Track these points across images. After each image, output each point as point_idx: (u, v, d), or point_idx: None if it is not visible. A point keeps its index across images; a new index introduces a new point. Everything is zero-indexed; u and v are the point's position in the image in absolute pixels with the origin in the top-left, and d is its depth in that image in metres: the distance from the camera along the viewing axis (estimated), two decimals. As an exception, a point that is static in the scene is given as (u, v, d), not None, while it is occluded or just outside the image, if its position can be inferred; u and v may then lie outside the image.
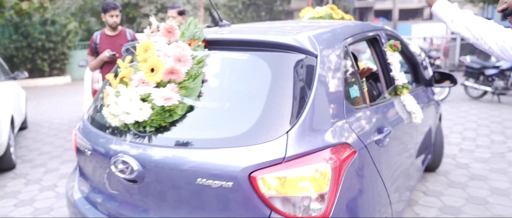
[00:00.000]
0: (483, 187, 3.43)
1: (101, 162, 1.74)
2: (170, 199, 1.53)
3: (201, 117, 1.56)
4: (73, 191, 2.00)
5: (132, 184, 1.59)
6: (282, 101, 1.46)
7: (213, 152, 1.42)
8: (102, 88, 2.06)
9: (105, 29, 3.88)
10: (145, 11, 15.06)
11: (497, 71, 7.34)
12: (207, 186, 1.40)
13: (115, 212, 1.70)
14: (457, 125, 5.70)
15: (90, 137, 1.86)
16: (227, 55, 1.68)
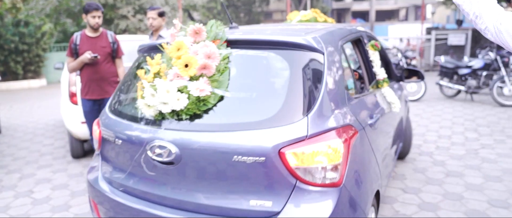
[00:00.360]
0: (459, 183, 3.54)
1: (134, 149, 1.92)
2: (206, 176, 1.76)
3: (231, 105, 1.81)
4: (98, 180, 2.18)
5: (168, 166, 1.81)
6: (301, 90, 1.75)
7: (246, 133, 1.68)
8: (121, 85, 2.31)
9: (86, 30, 3.78)
10: (122, 12, 14.80)
11: (470, 71, 7.59)
12: (242, 162, 1.66)
13: (148, 193, 1.91)
14: (433, 124, 5.87)
15: (120, 128, 2.04)
16: (247, 53, 1.93)
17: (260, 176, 1.67)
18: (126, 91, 2.24)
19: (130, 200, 1.97)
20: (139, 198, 1.96)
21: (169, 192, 1.85)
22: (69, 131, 4.44)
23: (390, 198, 3.29)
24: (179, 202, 1.83)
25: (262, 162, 1.64)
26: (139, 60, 2.31)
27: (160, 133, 1.83)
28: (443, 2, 18.17)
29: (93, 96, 3.78)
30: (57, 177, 4.04)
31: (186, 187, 1.82)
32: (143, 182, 1.94)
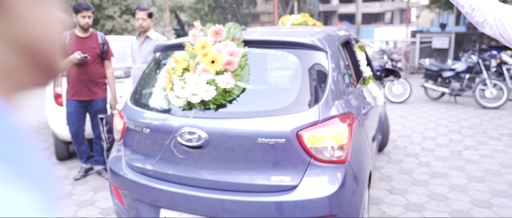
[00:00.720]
0: (444, 184, 3.61)
1: (163, 136, 2.12)
2: (232, 157, 2.02)
3: (252, 95, 2.10)
4: (122, 167, 2.36)
5: (197, 150, 2.03)
6: (311, 83, 2.06)
7: (268, 119, 1.96)
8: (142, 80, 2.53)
9: (75, 30, 3.71)
10: (109, 12, 14.63)
11: (453, 74, 7.75)
12: (265, 143, 1.92)
13: (176, 175, 2.12)
14: (418, 125, 5.97)
15: (147, 118, 2.26)
16: (263, 51, 2.26)
17: (280, 155, 1.95)
18: (149, 85, 2.51)
19: (157, 183, 2.16)
20: (167, 181, 2.16)
21: (197, 173, 2.08)
22: (54, 133, 4.36)
23: (377, 199, 3.33)
24: (207, 182, 2.06)
25: (282, 143, 1.92)
26: (157, 58, 2.56)
27: (190, 121, 2.06)
28: (427, 6, 18.50)
29: (81, 97, 3.72)
30: (42, 180, 3.97)
31: (213, 168, 2.05)
32: (171, 166, 2.15)
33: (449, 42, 13.77)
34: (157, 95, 2.41)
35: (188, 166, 2.10)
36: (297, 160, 1.94)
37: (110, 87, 3.92)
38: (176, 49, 2.39)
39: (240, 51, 2.10)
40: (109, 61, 3.91)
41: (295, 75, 2.18)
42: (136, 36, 3.82)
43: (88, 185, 3.79)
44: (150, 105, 2.37)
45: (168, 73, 2.15)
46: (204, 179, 2.07)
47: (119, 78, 4.50)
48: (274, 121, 1.96)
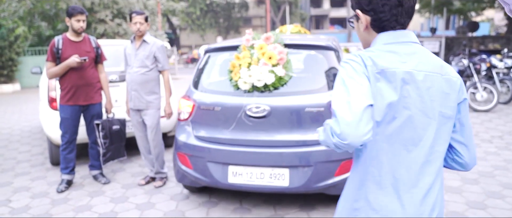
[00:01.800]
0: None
1: (233, 111, 2.94)
2: (286, 122, 2.88)
3: (296, 80, 3.00)
4: (191, 138, 3.10)
5: (260, 119, 2.89)
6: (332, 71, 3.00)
7: (310, 95, 2.90)
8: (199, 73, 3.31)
9: (68, 34, 3.67)
10: (100, 16, 14.54)
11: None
12: (310, 111, 2.85)
13: (243, 139, 2.93)
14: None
15: (218, 99, 3.04)
16: (298, 51, 3.16)
17: (321, 119, 2.83)
18: (209, 76, 3.31)
19: (226, 146, 2.96)
20: (234, 145, 2.95)
21: (260, 136, 2.92)
22: (48, 137, 4.32)
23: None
24: (268, 142, 2.90)
25: (321, 111, 2.84)
26: (208, 56, 3.37)
27: (254, 99, 2.92)
28: (417, 11, 18.74)
29: (78, 102, 3.67)
30: (36, 185, 3.92)
31: (272, 131, 2.90)
32: (239, 132, 2.95)
33: (440, 46, 13.98)
34: (221, 82, 3.21)
35: (253, 131, 2.93)
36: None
37: (105, 91, 3.89)
38: (223, 51, 3.33)
39: (285, 50, 2.99)
40: (102, 65, 3.89)
41: (321, 66, 3.08)
42: (131, 40, 3.79)
43: (84, 190, 3.76)
44: (216, 89, 3.15)
45: (233, 67, 3.01)
46: (266, 140, 2.91)
47: (114, 82, 4.48)
48: (314, 96, 2.90)
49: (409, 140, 1.16)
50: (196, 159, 3.08)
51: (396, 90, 1.15)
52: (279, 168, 2.89)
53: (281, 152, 2.86)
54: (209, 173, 3.03)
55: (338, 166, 2.87)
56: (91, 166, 3.98)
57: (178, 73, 18.88)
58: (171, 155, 4.85)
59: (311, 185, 2.87)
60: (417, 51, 1.21)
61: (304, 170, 2.87)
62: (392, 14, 1.21)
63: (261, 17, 39.63)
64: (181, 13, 24.70)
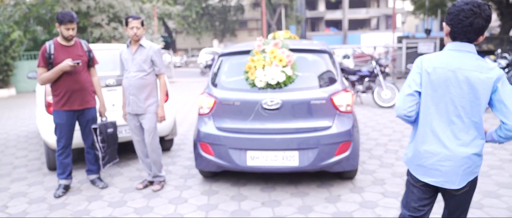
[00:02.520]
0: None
1: (251, 105, 3.51)
2: (296, 113, 3.50)
3: (302, 79, 3.62)
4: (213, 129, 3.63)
5: (274, 111, 3.48)
6: (331, 71, 3.70)
7: (314, 90, 3.56)
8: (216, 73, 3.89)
9: (59, 39, 3.65)
10: (96, 20, 14.52)
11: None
12: (314, 103, 3.48)
13: (259, 128, 3.51)
14: (408, 129, 6.07)
15: (236, 95, 3.61)
16: (301, 55, 3.76)
17: (322, 110, 3.52)
18: (225, 76, 3.83)
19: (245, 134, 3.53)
20: (252, 133, 3.52)
21: (274, 125, 3.50)
22: (45, 142, 4.30)
23: (372, 202, 3.38)
24: (280, 129, 3.49)
25: (324, 103, 3.51)
26: (222, 60, 3.93)
27: (268, 95, 3.52)
28: (412, 12, 18.86)
29: (73, 106, 3.65)
30: (33, 191, 3.91)
31: (284, 120, 3.50)
32: (256, 122, 3.53)
33: (434, 47, 14.06)
34: (238, 81, 3.72)
35: (268, 121, 3.51)
36: (331, 112, 3.53)
37: (98, 95, 3.88)
38: (235, 55, 3.90)
39: (292, 54, 3.64)
40: (94, 69, 3.89)
41: (320, 67, 3.75)
42: (127, 44, 3.79)
43: (82, 195, 3.75)
44: (235, 87, 3.70)
45: (249, 68, 3.62)
46: (279, 128, 3.49)
47: (111, 86, 4.48)
48: (318, 91, 3.57)
49: (442, 113, 1.84)
50: (218, 147, 3.59)
51: (440, 81, 1.81)
52: (290, 151, 3.49)
53: (291, 138, 3.48)
54: (230, 158, 3.56)
55: (337, 147, 3.51)
56: (88, 171, 3.97)
57: (174, 76, 18.86)
58: (168, 158, 4.85)
59: (316, 163, 3.49)
60: (467, 57, 1.80)
61: (311, 152, 3.48)
62: (462, 31, 1.78)
63: (257, 20, 39.70)
64: (177, 17, 24.70)
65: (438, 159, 1.85)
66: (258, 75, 3.55)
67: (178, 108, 9.03)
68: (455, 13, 1.76)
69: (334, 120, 3.51)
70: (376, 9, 43.26)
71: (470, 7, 1.72)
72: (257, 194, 3.64)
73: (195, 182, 4.00)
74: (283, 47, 3.67)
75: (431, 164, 1.87)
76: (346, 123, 3.54)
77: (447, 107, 1.81)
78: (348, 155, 3.53)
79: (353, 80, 8.72)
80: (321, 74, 3.72)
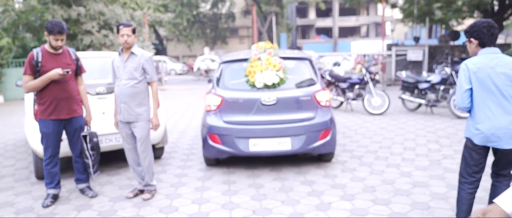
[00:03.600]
0: (425, 193, 3.72)
1: (252, 101, 4.28)
2: (288, 106, 4.29)
3: (292, 80, 4.46)
4: (221, 122, 4.36)
5: (271, 106, 4.24)
6: (312, 73, 4.63)
7: (301, 89, 4.48)
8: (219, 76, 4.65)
9: (47, 47, 3.60)
10: (87, 27, 14.43)
11: (429, 85, 8.01)
12: (302, 99, 4.36)
13: (258, 120, 4.26)
14: (398, 136, 6.12)
15: (239, 94, 4.38)
16: (288, 61, 4.60)
17: (308, 104, 4.35)
18: (228, 79, 4.59)
19: (247, 125, 4.30)
20: (253, 124, 4.30)
21: (271, 117, 4.30)
22: (33, 151, 4.24)
23: (362, 210, 3.40)
24: (276, 121, 4.28)
25: (309, 99, 4.34)
26: (223, 66, 4.71)
27: (266, 93, 4.31)
28: (401, 20, 19.13)
29: (61, 115, 3.60)
30: (21, 200, 3.84)
31: (279, 113, 4.30)
32: (256, 115, 4.30)
33: (423, 54, 14.25)
34: (239, 83, 4.50)
35: (266, 114, 4.31)
36: (314, 106, 4.40)
37: (84, 103, 3.85)
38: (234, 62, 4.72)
39: (282, 61, 4.50)
40: (81, 77, 3.86)
41: (306, 71, 4.68)
42: (119, 52, 3.77)
43: (71, 204, 3.70)
44: (237, 88, 4.48)
45: (249, 72, 4.43)
46: (275, 119, 4.30)
47: (101, 94, 4.45)
48: (304, 89, 4.47)
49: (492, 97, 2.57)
50: (225, 137, 4.30)
51: (485, 76, 2.56)
52: (284, 137, 4.29)
53: (285, 127, 4.29)
54: (235, 146, 4.29)
55: (320, 134, 4.37)
56: (77, 180, 3.92)
57: (165, 84, 18.78)
58: (159, 167, 4.82)
59: (305, 147, 4.32)
60: (498, 57, 2.60)
61: (300, 138, 4.30)
62: (488, 40, 2.62)
63: (248, 27, 39.84)
64: (168, 24, 24.68)
65: (496, 129, 2.56)
66: (257, 78, 4.38)
67: (168, 116, 8.99)
68: (479, 28, 2.61)
69: (317, 112, 4.39)
70: (365, 17, 43.77)
71: (488, 23, 2.61)
72: (247, 202, 3.63)
73: (186, 191, 3.98)
74: (275, 55, 4.52)
75: (492, 134, 2.57)
76: (326, 114, 4.43)
77: (494, 93, 2.56)
78: (329, 140, 4.42)
79: (344, 88, 8.79)
80: (304, 76, 4.64)
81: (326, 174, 4.36)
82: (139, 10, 19.14)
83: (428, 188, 3.85)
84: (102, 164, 4.82)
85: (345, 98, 8.75)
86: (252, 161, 4.87)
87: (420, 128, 6.71)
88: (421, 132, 6.35)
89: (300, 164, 4.76)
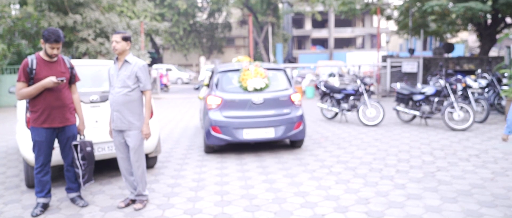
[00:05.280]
0: (419, 205, 3.70)
1: (244, 101, 5.65)
2: (272, 105, 5.74)
3: (272, 87, 5.94)
4: (221, 117, 5.58)
5: (259, 104, 5.68)
6: (288, 80, 6.16)
7: (281, 91, 5.92)
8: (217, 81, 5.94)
9: (42, 54, 3.59)
10: (83, 35, 14.42)
11: (423, 97, 8.05)
12: (281, 99, 5.82)
13: (249, 115, 5.63)
14: (392, 148, 6.13)
15: (235, 95, 5.68)
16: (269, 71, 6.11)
17: (285, 103, 5.82)
18: (226, 84, 5.84)
19: (242, 119, 5.58)
20: (246, 117, 5.58)
21: (259, 112, 5.65)
22: (24, 158, 4.19)
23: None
24: (262, 115, 5.64)
25: (286, 99, 5.82)
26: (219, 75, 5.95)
27: (257, 94, 5.69)
28: (396, 32, 19.31)
29: (54, 124, 3.57)
30: (10, 209, 3.78)
31: (266, 109, 5.68)
32: (248, 111, 5.61)
33: (418, 66, 14.36)
34: (234, 87, 5.81)
35: (256, 110, 5.62)
36: (290, 104, 5.83)
37: (78, 112, 3.82)
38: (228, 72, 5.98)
39: (266, 71, 5.88)
40: (75, 86, 3.84)
41: (283, 79, 6.10)
42: (114, 60, 3.76)
43: (61, 213, 3.64)
44: (233, 91, 5.77)
45: (242, 79, 5.73)
46: (262, 114, 5.63)
47: (95, 102, 4.42)
48: (283, 92, 5.85)
49: None
50: (224, 128, 5.59)
51: None
52: (269, 127, 5.67)
53: (270, 120, 5.68)
54: (233, 134, 5.58)
55: (295, 125, 5.82)
56: (68, 189, 3.87)
57: (160, 93, 18.75)
58: (152, 176, 4.77)
59: (284, 134, 5.75)
60: None
61: (280, 128, 5.72)
62: None
63: (244, 37, 40.02)
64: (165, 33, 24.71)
65: None
66: (248, 83, 5.76)
67: (162, 125, 8.94)
68: None
69: (292, 109, 5.85)
70: (361, 29, 44.15)
71: None
72: (240, 213, 3.60)
73: (178, 201, 3.94)
74: (261, 67, 5.96)
75: None
76: (298, 110, 5.93)
77: None
78: (301, 130, 5.90)
79: (338, 98, 8.81)
80: (281, 82, 6.09)
81: (319, 185, 4.34)
82: (135, 18, 19.17)
83: (422, 200, 3.83)
84: (94, 173, 4.77)
85: (340, 109, 8.77)
86: (246, 174, 4.83)
87: (414, 139, 6.72)
88: (415, 144, 6.35)
89: (294, 174, 4.74)
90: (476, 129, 7.50)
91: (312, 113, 10.69)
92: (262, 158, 5.59)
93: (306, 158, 5.58)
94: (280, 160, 5.47)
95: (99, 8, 14.94)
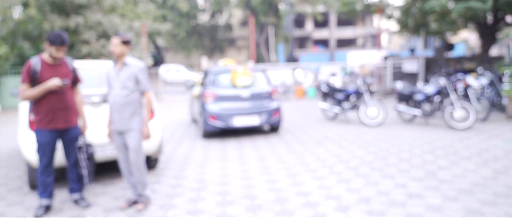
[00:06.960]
0: (420, 204, 3.71)
1: (234, 96, 7.23)
2: (256, 98, 7.39)
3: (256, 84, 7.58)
4: (215, 109, 7.09)
5: (246, 98, 7.28)
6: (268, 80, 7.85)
7: (264, 86, 7.62)
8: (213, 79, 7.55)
9: (45, 57, 3.63)
10: (85, 37, 14.46)
11: (424, 97, 8.06)
12: (264, 95, 7.49)
13: (238, 108, 7.20)
14: (393, 147, 6.13)
15: (226, 91, 7.27)
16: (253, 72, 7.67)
17: (267, 97, 7.49)
18: (219, 82, 7.39)
19: (233, 111, 7.13)
20: (237, 108, 7.17)
21: (246, 104, 7.25)
22: (27, 161, 4.22)
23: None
24: (249, 108, 7.24)
25: (268, 94, 7.51)
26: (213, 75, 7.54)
27: (244, 90, 7.29)
28: (397, 32, 19.29)
29: (57, 125, 3.61)
30: (13, 211, 3.81)
31: (252, 101, 7.31)
32: (238, 103, 7.21)
33: (418, 65, 14.35)
34: (227, 84, 7.33)
35: (244, 102, 7.24)
36: (270, 98, 7.50)
37: (81, 114, 3.85)
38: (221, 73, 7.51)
39: (251, 71, 7.52)
40: (77, 87, 3.88)
41: (263, 78, 7.73)
42: (113, 62, 3.79)
43: (63, 214, 3.67)
44: (226, 86, 7.30)
45: (233, 79, 7.34)
46: (249, 106, 7.23)
47: (96, 104, 4.45)
48: (265, 87, 7.54)
49: None
50: (219, 116, 6.97)
51: None
52: (254, 115, 7.14)
53: (254, 110, 7.16)
54: (226, 122, 6.97)
55: (274, 112, 7.32)
56: (71, 190, 3.90)
57: (162, 93, 18.76)
58: (154, 177, 4.80)
59: (266, 121, 7.23)
60: None
61: (263, 115, 7.19)
62: None
63: (245, 38, 40.05)
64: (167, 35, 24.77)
65: None
66: (237, 81, 7.24)
67: (165, 126, 8.97)
68: None
69: (271, 101, 7.37)
70: (362, 29, 44.09)
71: None
72: (242, 213, 3.62)
73: (181, 201, 3.96)
74: (248, 68, 7.42)
75: None
76: (276, 103, 7.44)
77: None
78: (278, 118, 7.44)
79: (340, 98, 8.82)
80: (262, 80, 7.59)
81: (321, 185, 4.36)
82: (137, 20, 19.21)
83: (423, 199, 3.84)
84: (96, 174, 4.80)
85: (341, 109, 8.78)
86: (248, 174, 4.85)
87: (415, 139, 6.72)
88: (416, 143, 6.36)
89: (295, 174, 4.76)
90: (477, 128, 7.49)
91: (314, 113, 10.69)
92: (264, 159, 5.61)
93: (307, 158, 5.59)
94: (281, 160, 5.48)
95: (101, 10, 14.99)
